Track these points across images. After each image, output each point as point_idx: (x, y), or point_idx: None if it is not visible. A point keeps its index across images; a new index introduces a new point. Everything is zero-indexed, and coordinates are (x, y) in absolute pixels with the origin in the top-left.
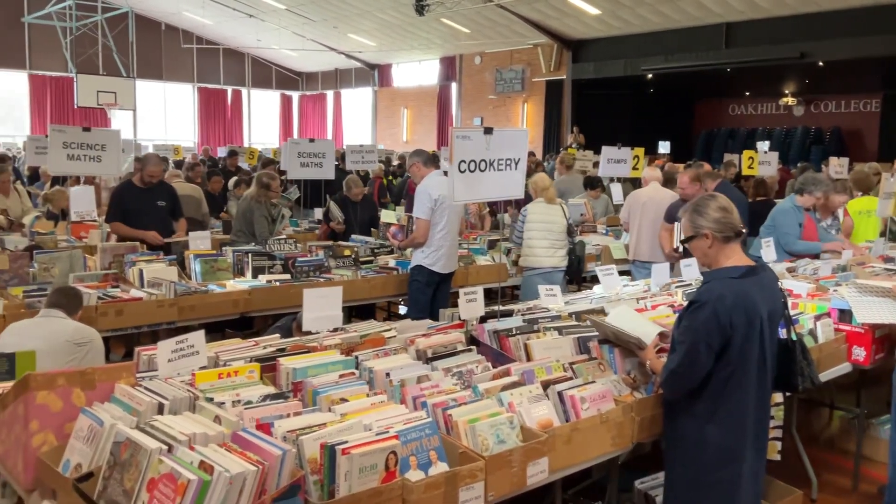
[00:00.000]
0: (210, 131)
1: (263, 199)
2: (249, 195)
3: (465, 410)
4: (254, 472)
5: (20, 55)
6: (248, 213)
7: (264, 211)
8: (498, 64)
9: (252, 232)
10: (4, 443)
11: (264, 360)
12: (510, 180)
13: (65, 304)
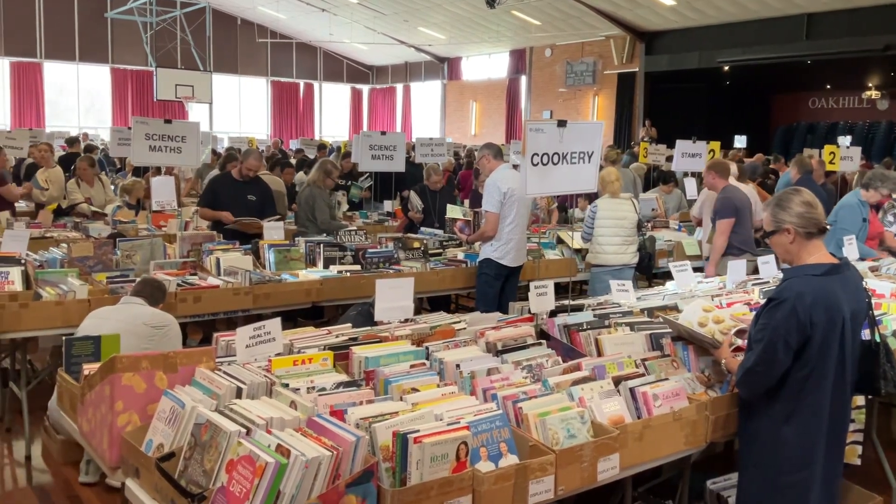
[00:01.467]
0: (282, 124)
1: (323, 185)
2: (310, 181)
3: (535, 404)
4: (328, 457)
5: (103, 50)
6: (311, 199)
7: (326, 197)
8: (569, 56)
9: (313, 218)
10: (91, 422)
11: (337, 349)
12: (583, 174)
13: (148, 294)
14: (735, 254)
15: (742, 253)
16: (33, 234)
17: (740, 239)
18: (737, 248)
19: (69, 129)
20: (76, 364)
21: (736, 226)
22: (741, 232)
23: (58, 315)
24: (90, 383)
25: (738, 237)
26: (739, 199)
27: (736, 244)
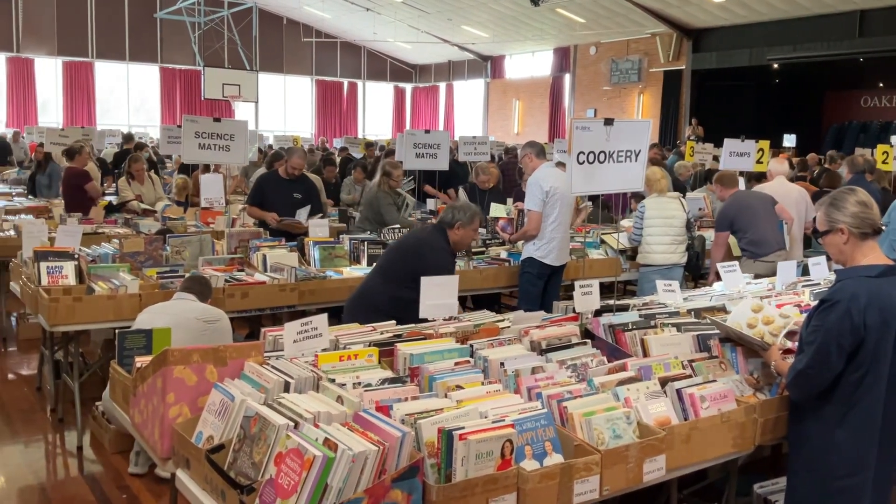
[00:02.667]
0: (326, 123)
1: (386, 187)
2: (374, 184)
3: (580, 403)
4: (375, 452)
5: (152, 49)
6: (375, 201)
7: (390, 199)
8: (614, 54)
9: (377, 220)
10: (143, 413)
11: (382, 345)
12: (630, 173)
13: (197, 290)
14: (750, 257)
15: (757, 255)
16: (86, 229)
17: (749, 241)
18: (748, 251)
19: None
20: (129, 357)
21: (740, 231)
22: (749, 236)
23: (110, 309)
24: (143, 376)
25: (747, 240)
26: (738, 204)
27: (746, 247)
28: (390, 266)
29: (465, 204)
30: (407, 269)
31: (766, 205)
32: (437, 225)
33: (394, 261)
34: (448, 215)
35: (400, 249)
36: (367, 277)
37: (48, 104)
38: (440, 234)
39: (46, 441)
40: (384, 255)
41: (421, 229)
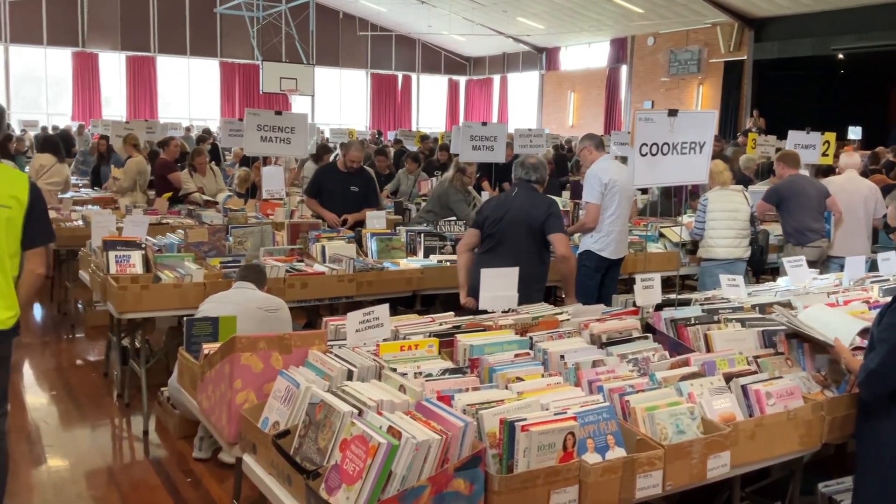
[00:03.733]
0: (381, 116)
1: (459, 183)
2: (446, 179)
3: (643, 398)
4: (438, 441)
5: (212, 44)
6: (444, 196)
7: (461, 195)
8: (672, 45)
9: (443, 214)
10: (210, 399)
11: (442, 336)
12: (694, 165)
13: (253, 279)
14: (796, 243)
15: (802, 242)
16: (151, 220)
17: (794, 227)
18: (792, 236)
19: (180, 121)
20: (196, 343)
21: (786, 213)
22: (793, 222)
23: (175, 297)
24: (210, 362)
25: (791, 226)
26: (794, 188)
27: (791, 233)
28: (537, 233)
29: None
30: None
31: (819, 195)
32: (528, 185)
33: (539, 225)
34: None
35: (532, 213)
36: (515, 259)
37: (112, 98)
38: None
39: (113, 425)
40: (521, 228)
41: (520, 194)
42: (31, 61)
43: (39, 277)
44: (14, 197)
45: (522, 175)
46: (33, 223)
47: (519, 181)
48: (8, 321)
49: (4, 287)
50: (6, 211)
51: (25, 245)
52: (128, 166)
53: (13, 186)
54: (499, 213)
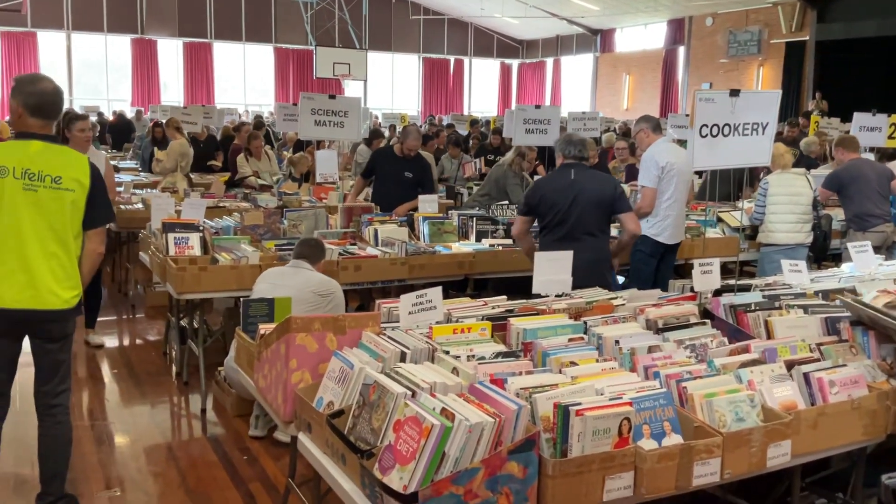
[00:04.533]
0: (432, 100)
1: (518, 167)
2: (505, 162)
3: (701, 384)
4: (491, 424)
5: (267, 30)
6: (501, 179)
7: (518, 180)
8: (732, 25)
9: (499, 198)
10: (266, 378)
11: (495, 320)
12: (756, 146)
13: (309, 255)
14: (857, 228)
15: (864, 227)
16: (208, 203)
17: (855, 213)
18: (854, 222)
19: (235, 106)
20: (252, 324)
21: (847, 200)
22: (854, 208)
23: (232, 279)
24: (267, 342)
25: (852, 212)
26: (853, 172)
27: (852, 219)
28: (606, 212)
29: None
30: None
31: (881, 178)
32: (582, 163)
33: (609, 204)
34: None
35: (604, 192)
36: (579, 238)
37: (169, 84)
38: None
39: (172, 403)
40: (594, 210)
41: (581, 174)
42: (91, 48)
43: (100, 256)
44: (76, 180)
45: (576, 153)
46: (94, 205)
47: (574, 160)
48: (72, 300)
49: (70, 268)
50: (70, 194)
51: (87, 226)
52: (170, 148)
53: (76, 170)
54: (566, 198)
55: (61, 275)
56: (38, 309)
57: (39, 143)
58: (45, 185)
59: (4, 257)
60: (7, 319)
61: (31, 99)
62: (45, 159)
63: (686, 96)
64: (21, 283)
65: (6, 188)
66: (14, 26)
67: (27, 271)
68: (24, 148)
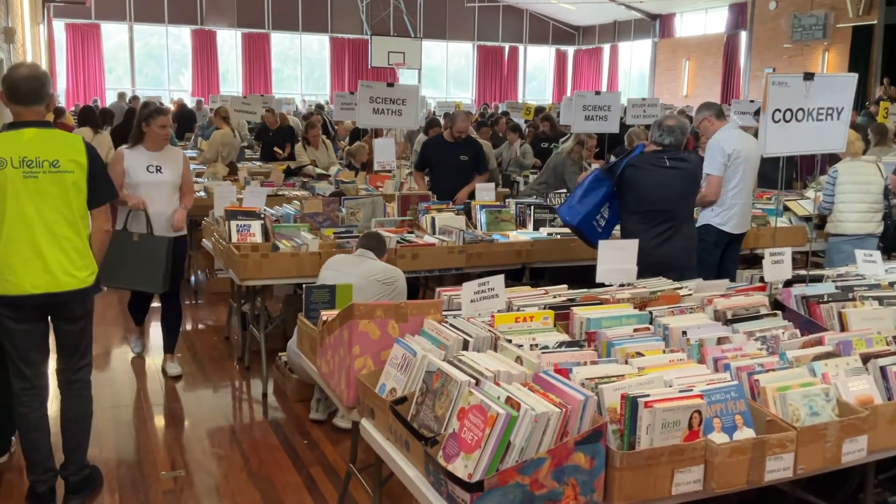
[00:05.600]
0: (487, 88)
1: (577, 156)
2: (565, 150)
3: (773, 377)
4: (557, 414)
5: (323, 20)
6: (560, 167)
7: (576, 168)
8: (796, 9)
9: (557, 185)
10: (329, 363)
11: (557, 309)
12: (831, 132)
13: (374, 247)
14: None
15: None
16: (268, 192)
17: None
18: None
19: (292, 96)
20: (314, 310)
21: None
22: None
23: (293, 266)
24: (330, 328)
25: None
26: None
27: None
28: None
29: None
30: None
31: None
32: (677, 150)
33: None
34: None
35: (688, 177)
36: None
37: (228, 74)
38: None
39: (234, 387)
40: (691, 200)
41: (674, 163)
42: (152, 39)
43: (108, 234)
44: (74, 161)
45: (673, 140)
46: (96, 183)
47: (669, 147)
48: (88, 279)
49: (81, 247)
50: (70, 176)
51: (92, 205)
52: (212, 138)
53: (72, 151)
54: (662, 191)
55: (74, 256)
56: (56, 292)
57: (32, 129)
58: (43, 170)
59: (17, 247)
60: (30, 305)
61: (6, 85)
62: (39, 145)
63: (748, 82)
64: (37, 268)
65: (7, 179)
66: (78, 18)
67: (40, 257)
68: (17, 137)
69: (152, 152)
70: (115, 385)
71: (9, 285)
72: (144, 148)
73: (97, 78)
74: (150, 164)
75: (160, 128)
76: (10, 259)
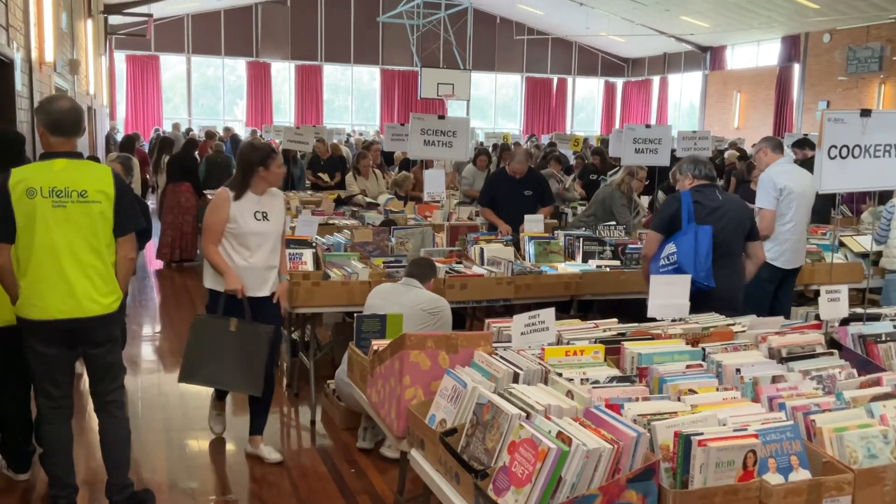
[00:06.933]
0: (534, 119)
1: (627, 188)
2: (614, 182)
3: (830, 417)
4: (609, 450)
5: (374, 52)
6: (608, 199)
7: (624, 200)
8: (851, 41)
9: (605, 218)
10: (380, 393)
11: (608, 343)
12: (889, 169)
13: (419, 274)
14: None
15: None
16: (319, 220)
17: None
18: None
19: (342, 126)
20: (365, 339)
21: None
22: None
23: (343, 294)
24: (381, 358)
25: None
26: None
27: None
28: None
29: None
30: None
31: None
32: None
33: (748, 231)
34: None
35: (744, 215)
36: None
37: (281, 104)
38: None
39: (282, 414)
40: (741, 234)
41: (725, 197)
42: (209, 70)
43: (132, 262)
44: (102, 191)
45: (709, 173)
46: (122, 213)
47: (707, 180)
48: (112, 305)
49: (106, 274)
50: (97, 206)
51: (117, 233)
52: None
53: (100, 181)
54: (716, 222)
55: (99, 282)
56: (81, 317)
57: (63, 160)
58: (72, 200)
59: (44, 273)
60: (56, 329)
61: (49, 118)
62: (69, 175)
63: (801, 115)
64: (62, 294)
65: (37, 208)
66: (139, 50)
67: (67, 283)
68: (48, 167)
69: (258, 196)
70: (167, 409)
71: (36, 310)
72: (250, 191)
73: (155, 108)
74: (256, 210)
75: (278, 168)
76: (38, 285)
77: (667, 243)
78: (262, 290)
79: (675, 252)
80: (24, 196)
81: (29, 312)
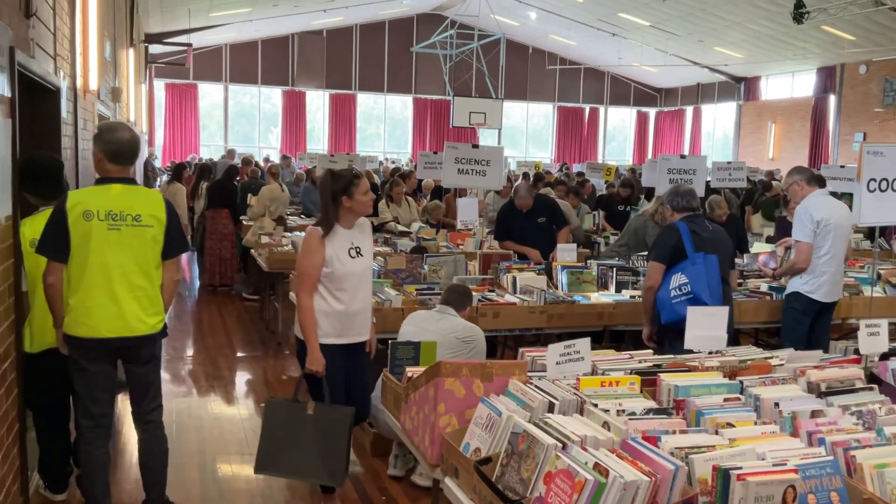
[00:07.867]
0: (566, 147)
1: (660, 217)
2: (647, 212)
3: (870, 454)
4: (647, 483)
5: (407, 81)
6: (641, 229)
7: (658, 230)
8: (888, 73)
9: (638, 248)
10: (414, 420)
11: (643, 374)
12: None
13: (454, 301)
14: None
15: None
16: None
17: None
18: None
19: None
20: (399, 366)
21: None
22: None
23: (377, 321)
24: (415, 385)
25: None
26: None
27: None
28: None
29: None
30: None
31: None
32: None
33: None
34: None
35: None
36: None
37: (315, 132)
38: None
39: None
40: (727, 261)
41: (713, 227)
42: (245, 98)
43: (177, 284)
44: (154, 216)
45: (687, 204)
46: (171, 237)
47: (697, 212)
48: (157, 325)
49: (153, 296)
50: (150, 230)
51: (166, 256)
52: (261, 193)
53: (153, 207)
54: (713, 250)
55: (147, 303)
56: (128, 336)
57: (119, 185)
58: (126, 223)
59: (94, 293)
60: (103, 347)
61: (109, 147)
62: (124, 200)
63: (837, 146)
64: (112, 314)
65: (93, 230)
66: (178, 78)
67: (116, 303)
68: (105, 192)
69: (348, 230)
70: (202, 432)
71: (85, 328)
72: (339, 225)
73: (193, 135)
74: (350, 245)
75: (363, 195)
76: (88, 303)
77: (672, 274)
78: (363, 333)
79: (688, 283)
80: (80, 218)
81: (77, 330)
